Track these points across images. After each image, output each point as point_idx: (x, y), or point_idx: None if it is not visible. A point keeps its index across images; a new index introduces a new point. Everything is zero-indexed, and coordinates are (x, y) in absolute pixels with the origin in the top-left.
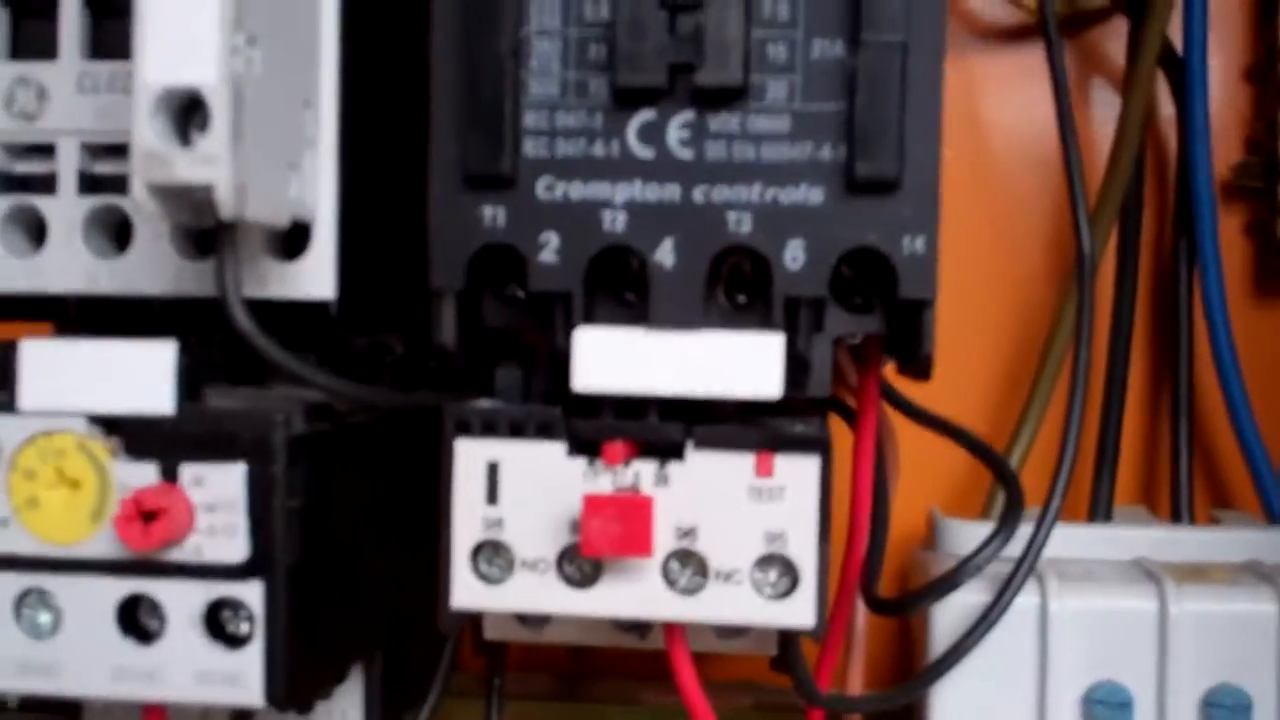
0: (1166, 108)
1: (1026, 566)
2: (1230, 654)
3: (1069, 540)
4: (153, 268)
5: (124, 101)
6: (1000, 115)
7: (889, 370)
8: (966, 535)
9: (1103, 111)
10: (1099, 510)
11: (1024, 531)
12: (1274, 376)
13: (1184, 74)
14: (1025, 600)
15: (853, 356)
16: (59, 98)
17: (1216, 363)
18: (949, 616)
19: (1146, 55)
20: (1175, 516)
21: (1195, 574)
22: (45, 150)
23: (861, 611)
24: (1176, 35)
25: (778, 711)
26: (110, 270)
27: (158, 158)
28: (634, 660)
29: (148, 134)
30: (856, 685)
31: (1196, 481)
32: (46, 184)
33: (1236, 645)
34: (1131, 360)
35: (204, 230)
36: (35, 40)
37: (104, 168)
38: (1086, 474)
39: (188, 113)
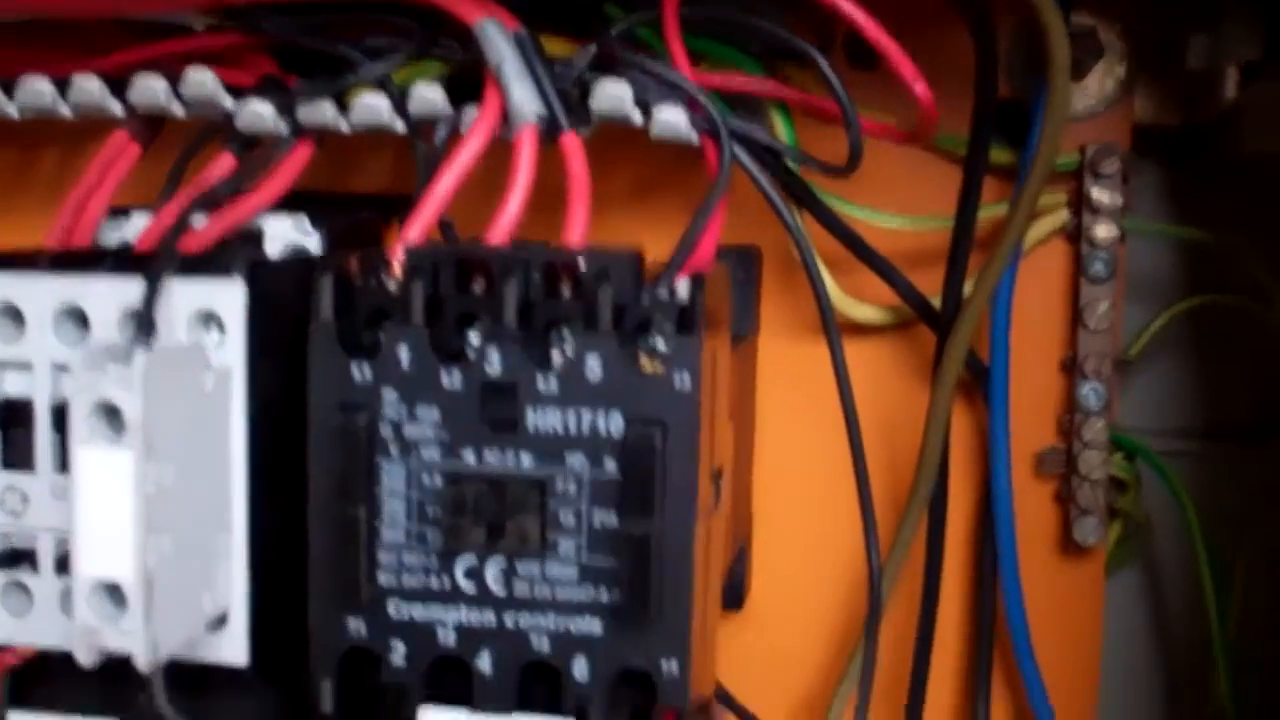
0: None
1: None
2: None
3: None
4: None
5: None
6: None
7: None
8: None
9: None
10: None
11: None
12: (1072, 631)
13: (988, 380)
14: None
15: None
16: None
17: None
18: None
19: (949, 367)
20: None
21: None
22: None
23: None
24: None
25: None
26: None
27: (91, 631)
28: None
29: (83, 612)
30: None
31: None
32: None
33: None
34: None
35: None
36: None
37: None
38: None
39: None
